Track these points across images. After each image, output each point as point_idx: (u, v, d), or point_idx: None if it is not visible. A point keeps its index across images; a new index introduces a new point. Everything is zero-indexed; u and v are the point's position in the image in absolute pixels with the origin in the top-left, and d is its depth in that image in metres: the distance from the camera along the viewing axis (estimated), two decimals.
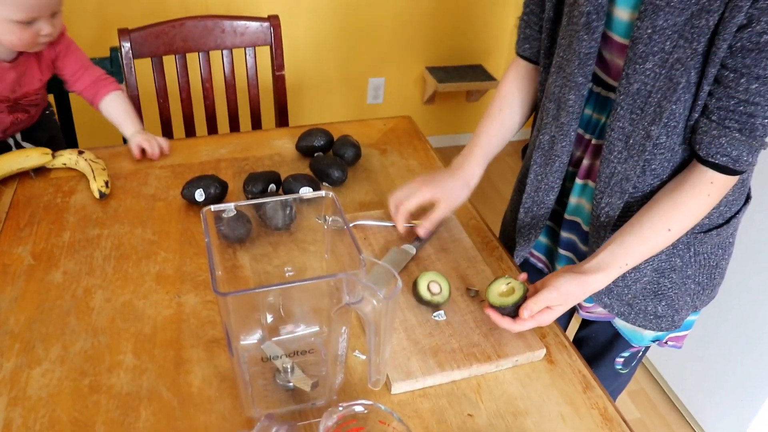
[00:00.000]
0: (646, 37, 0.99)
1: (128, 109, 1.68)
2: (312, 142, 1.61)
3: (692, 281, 1.24)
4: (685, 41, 0.97)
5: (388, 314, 0.84)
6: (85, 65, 1.64)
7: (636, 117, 1.06)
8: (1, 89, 1.53)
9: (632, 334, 1.34)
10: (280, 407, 0.99)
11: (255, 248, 1.23)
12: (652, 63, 1.01)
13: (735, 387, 2.04)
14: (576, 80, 1.11)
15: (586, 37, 1.07)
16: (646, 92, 1.04)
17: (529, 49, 1.31)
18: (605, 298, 1.25)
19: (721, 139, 1.01)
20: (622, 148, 1.10)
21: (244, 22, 1.99)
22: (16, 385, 1.03)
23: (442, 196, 1.28)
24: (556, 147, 1.20)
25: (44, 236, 1.34)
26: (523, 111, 1.36)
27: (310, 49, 3.21)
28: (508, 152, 3.83)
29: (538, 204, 1.28)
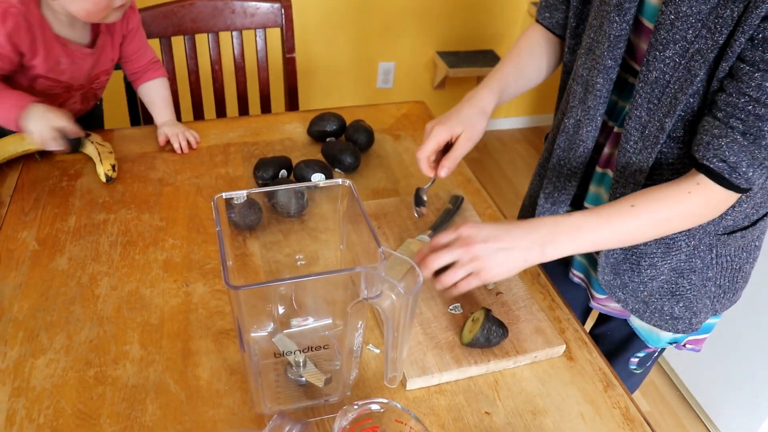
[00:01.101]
0: (669, 23, 0.95)
1: (166, 97, 1.64)
2: (324, 126, 1.57)
3: (713, 283, 1.20)
4: (707, 31, 0.93)
5: (408, 310, 0.81)
6: (144, 45, 1.59)
7: (652, 107, 1.02)
8: (80, 77, 1.47)
9: (648, 335, 1.30)
10: (292, 403, 0.95)
11: (265, 236, 1.20)
12: (672, 51, 0.97)
13: (748, 384, 2.01)
14: (605, 63, 1.07)
15: (617, 19, 1.03)
16: (664, 81, 1.00)
17: (549, 18, 1.27)
18: (619, 292, 1.21)
19: (721, 140, 0.93)
20: (637, 138, 1.06)
21: (255, 3, 1.94)
22: (20, 374, 1.00)
23: (461, 128, 1.16)
24: (582, 131, 1.15)
25: (49, 221, 1.30)
26: (540, 66, 1.30)
27: (320, 32, 3.16)
28: (517, 139, 3.81)
29: (559, 189, 1.24)
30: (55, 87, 1.45)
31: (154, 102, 1.62)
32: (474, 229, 0.99)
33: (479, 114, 1.19)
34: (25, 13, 1.30)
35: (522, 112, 3.87)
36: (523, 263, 0.98)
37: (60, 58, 1.39)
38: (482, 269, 0.97)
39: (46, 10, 1.34)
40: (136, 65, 1.59)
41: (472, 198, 1.44)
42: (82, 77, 1.48)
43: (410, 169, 1.53)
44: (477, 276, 0.97)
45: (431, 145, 1.15)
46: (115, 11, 1.35)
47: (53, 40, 1.36)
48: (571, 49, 1.21)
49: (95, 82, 1.54)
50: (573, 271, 1.36)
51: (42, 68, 1.38)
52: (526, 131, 3.88)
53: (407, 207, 1.36)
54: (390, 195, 1.43)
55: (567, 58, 1.23)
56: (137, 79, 1.62)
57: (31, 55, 1.35)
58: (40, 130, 1.32)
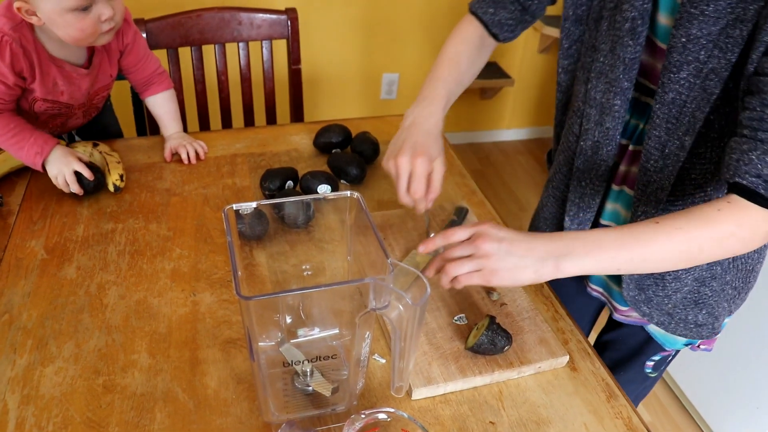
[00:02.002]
0: (681, 46, 0.96)
1: (172, 110, 1.64)
2: (330, 138, 1.58)
3: (730, 287, 1.21)
4: (719, 51, 0.94)
5: (415, 320, 0.82)
6: (145, 56, 1.58)
7: (671, 126, 1.03)
8: (79, 96, 1.48)
9: (665, 338, 1.31)
10: (299, 412, 0.96)
11: (272, 246, 1.21)
12: (686, 72, 0.98)
13: (750, 395, 2.02)
14: (622, 85, 1.08)
15: (630, 43, 1.04)
16: (680, 102, 1.01)
17: (491, 14, 1.25)
18: (644, 307, 1.22)
19: (751, 155, 0.88)
20: (658, 157, 1.06)
21: (262, 15, 1.97)
22: (29, 383, 1.01)
23: (436, 156, 1.14)
24: (602, 152, 1.16)
25: (57, 230, 1.32)
26: (473, 71, 1.30)
27: (324, 44, 3.18)
28: (520, 151, 3.83)
29: (584, 209, 1.24)
30: (55, 108, 1.46)
31: (161, 116, 1.63)
32: (492, 228, 0.96)
33: (440, 135, 1.18)
34: (20, 39, 1.30)
35: (524, 123, 3.89)
36: (533, 275, 0.93)
37: (57, 80, 1.40)
38: (489, 269, 0.93)
39: (40, 33, 1.34)
40: (140, 76, 1.60)
41: (477, 209, 1.45)
42: (81, 96, 1.49)
43: None
44: (481, 274, 0.94)
45: (423, 182, 1.12)
46: (104, 35, 1.35)
47: (49, 62, 1.37)
48: (565, 69, 1.22)
49: (96, 98, 1.55)
50: (591, 286, 1.36)
51: (40, 92, 1.39)
52: (528, 143, 3.90)
53: (412, 218, 1.37)
54: (395, 207, 1.44)
55: (562, 78, 1.24)
56: (143, 91, 1.63)
57: (30, 80, 1.36)
58: (56, 175, 1.37)
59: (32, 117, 1.47)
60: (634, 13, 1.02)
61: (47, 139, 1.39)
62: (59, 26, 1.28)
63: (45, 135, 1.39)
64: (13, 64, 1.31)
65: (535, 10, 1.26)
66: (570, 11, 1.15)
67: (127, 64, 1.56)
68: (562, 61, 1.21)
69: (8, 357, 1.04)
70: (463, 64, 1.26)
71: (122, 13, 1.37)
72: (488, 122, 3.85)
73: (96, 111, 1.62)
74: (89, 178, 1.37)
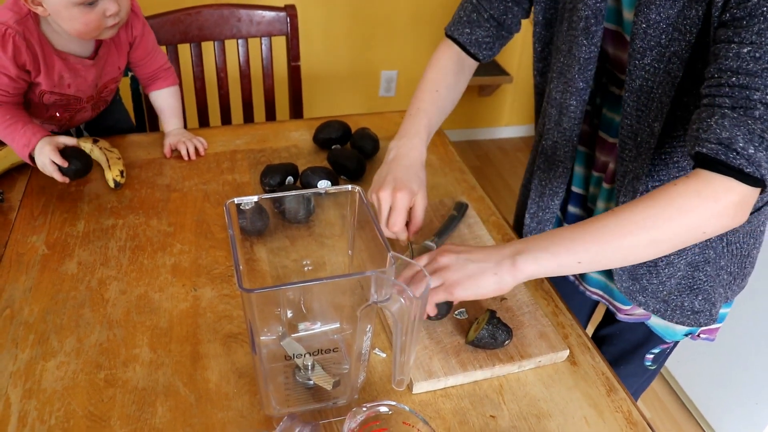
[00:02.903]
0: (642, 32, 0.98)
1: (173, 106, 1.65)
2: (330, 134, 1.59)
3: (725, 272, 1.22)
4: (679, 33, 0.95)
5: (417, 313, 0.82)
6: (153, 51, 1.58)
7: (641, 114, 1.04)
8: (86, 89, 1.48)
9: (665, 330, 1.31)
10: (300, 405, 0.97)
11: (272, 241, 1.21)
12: (650, 58, 0.99)
13: (749, 390, 2.02)
14: (577, 85, 1.10)
15: (585, 42, 1.06)
16: (647, 88, 1.01)
17: (469, 34, 1.26)
18: (639, 296, 1.22)
19: (710, 120, 0.84)
20: (632, 146, 1.07)
21: (261, 12, 1.97)
22: (31, 377, 1.01)
23: (417, 189, 1.13)
24: (559, 152, 1.18)
25: (58, 225, 1.32)
26: (455, 96, 1.30)
27: (323, 41, 3.18)
28: (519, 147, 3.83)
29: (543, 209, 1.27)
30: (63, 100, 1.46)
31: (163, 111, 1.64)
32: (451, 245, 0.99)
33: (422, 168, 1.18)
34: (23, 32, 1.30)
35: (522, 121, 3.89)
36: (493, 278, 0.92)
37: (62, 73, 1.40)
38: (450, 281, 0.93)
39: (45, 26, 1.34)
40: (147, 70, 1.60)
41: (476, 205, 1.45)
42: (89, 89, 1.49)
43: None
44: (444, 288, 0.93)
45: (403, 215, 1.11)
46: (108, 29, 1.35)
47: (53, 55, 1.37)
48: (540, 72, 1.24)
49: (104, 91, 1.55)
50: (590, 289, 1.37)
51: (46, 85, 1.40)
52: (527, 139, 3.90)
53: None
54: None
55: (537, 80, 1.26)
56: (148, 85, 1.63)
57: (35, 73, 1.37)
58: (42, 166, 1.37)
59: (42, 109, 1.47)
60: (588, 12, 1.03)
61: (36, 131, 1.37)
62: (64, 19, 1.29)
63: (35, 127, 1.38)
64: (16, 57, 1.31)
65: (510, 25, 1.26)
66: (540, 16, 1.16)
67: (136, 58, 1.56)
68: (537, 64, 1.23)
69: (10, 351, 1.05)
70: (443, 91, 1.27)
71: (127, 9, 1.37)
72: (487, 119, 3.85)
73: (105, 104, 1.62)
74: (61, 164, 1.35)
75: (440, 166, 1.60)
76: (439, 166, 1.60)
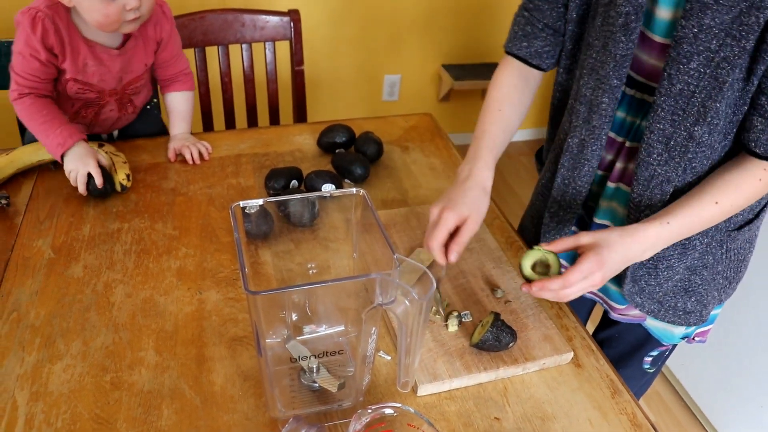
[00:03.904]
0: (692, 36, 0.96)
1: (184, 111, 1.65)
2: (334, 138, 1.59)
3: (721, 276, 1.23)
4: (732, 39, 0.94)
5: (421, 315, 0.83)
6: (177, 54, 1.60)
7: (677, 118, 1.03)
8: (110, 80, 1.50)
9: (662, 333, 1.31)
10: (306, 408, 0.97)
11: (277, 245, 1.22)
12: (696, 63, 0.98)
13: (754, 392, 2.02)
14: (611, 83, 1.09)
15: (623, 39, 1.04)
16: (689, 92, 1.01)
17: (527, 47, 1.24)
18: (637, 297, 1.23)
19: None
20: (662, 150, 1.07)
21: (265, 17, 1.97)
22: (38, 380, 1.02)
23: (469, 212, 1.12)
24: (587, 150, 1.17)
25: (64, 229, 1.32)
26: (521, 111, 1.29)
27: (326, 45, 3.19)
28: (523, 151, 3.83)
29: (564, 208, 1.26)
30: (87, 91, 1.48)
31: (173, 113, 1.64)
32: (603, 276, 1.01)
33: (483, 195, 1.17)
34: (53, 16, 1.35)
35: (526, 125, 3.89)
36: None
37: (87, 60, 1.42)
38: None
39: (75, 14, 1.38)
40: (167, 73, 1.61)
41: None
42: (113, 80, 1.50)
43: (419, 180, 1.55)
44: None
45: (443, 233, 1.10)
46: (128, 23, 1.37)
47: (80, 41, 1.40)
48: (566, 69, 1.23)
49: (129, 88, 1.56)
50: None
51: (71, 71, 1.42)
52: (531, 143, 3.90)
53: (416, 217, 1.38)
54: (399, 205, 1.45)
55: (563, 77, 1.24)
56: (165, 87, 1.64)
57: (62, 58, 1.40)
58: (71, 171, 1.39)
59: (68, 104, 1.50)
60: (628, 8, 1.02)
61: (73, 132, 1.40)
62: (85, 9, 1.32)
63: (72, 129, 1.41)
64: (44, 39, 1.35)
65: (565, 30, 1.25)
66: (573, 13, 1.15)
67: (161, 59, 1.58)
68: (564, 61, 1.22)
69: (17, 354, 1.05)
70: (506, 110, 1.26)
71: (149, 6, 1.39)
72: None
73: (131, 106, 1.62)
74: (98, 186, 1.38)
75: (444, 170, 1.61)
76: (443, 170, 1.61)
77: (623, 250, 1.01)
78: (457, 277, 1.24)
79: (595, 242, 1.01)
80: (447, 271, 1.24)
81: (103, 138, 1.64)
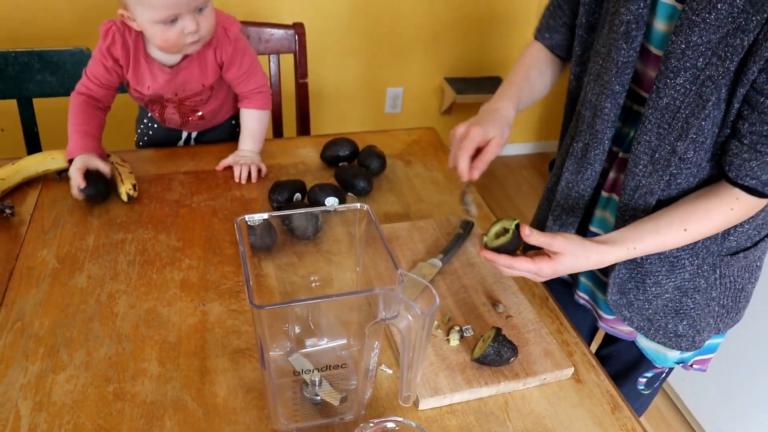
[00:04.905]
0: (680, 52, 0.98)
1: (252, 129, 1.65)
2: (337, 151, 1.60)
3: (716, 303, 1.23)
4: (718, 59, 0.96)
5: (424, 330, 0.83)
6: (247, 72, 1.61)
7: (663, 132, 1.05)
8: (162, 91, 1.56)
9: (655, 354, 1.32)
10: (308, 421, 0.97)
11: (280, 258, 1.22)
12: (683, 78, 1.00)
13: (755, 409, 2.02)
14: (613, 88, 1.11)
15: (624, 46, 1.06)
16: (674, 107, 1.03)
17: (549, 39, 1.33)
18: (625, 311, 1.23)
19: (752, 163, 1.00)
20: (647, 162, 1.09)
21: (270, 30, 1.99)
22: (41, 389, 1.02)
23: (495, 133, 1.17)
24: (590, 155, 1.18)
25: (68, 240, 1.33)
26: (544, 82, 1.35)
27: (329, 58, 3.21)
28: (524, 165, 3.85)
29: (567, 212, 1.27)
30: (143, 98, 1.60)
31: (242, 130, 1.66)
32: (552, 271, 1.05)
33: (506, 125, 1.22)
34: (123, 30, 1.47)
35: (527, 138, 3.91)
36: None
37: (144, 74, 1.54)
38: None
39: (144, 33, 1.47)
40: (239, 90, 1.64)
41: (482, 223, 1.46)
42: (166, 92, 1.57)
43: (421, 194, 1.56)
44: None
45: (472, 146, 1.15)
46: (189, 45, 1.44)
47: (141, 56, 1.51)
48: (576, 76, 1.25)
49: (187, 101, 1.61)
50: (578, 293, 1.38)
51: (132, 81, 1.55)
52: (532, 157, 3.92)
53: (418, 231, 1.39)
54: (401, 219, 1.46)
55: (573, 84, 1.26)
56: (239, 102, 1.67)
57: (126, 69, 1.53)
58: (71, 176, 1.43)
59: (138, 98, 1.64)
60: (629, 17, 1.04)
61: (84, 146, 1.47)
62: (148, 34, 1.44)
63: (86, 142, 1.48)
64: (111, 48, 1.49)
65: None
66: (583, 18, 1.18)
67: (227, 78, 1.62)
68: (575, 68, 1.24)
69: (21, 364, 1.06)
70: (534, 72, 1.33)
71: (209, 28, 1.45)
72: None
73: (196, 117, 1.68)
74: (78, 185, 1.40)
75: (446, 183, 1.61)
76: (445, 183, 1.61)
77: (582, 261, 1.05)
78: (458, 292, 1.24)
79: (562, 251, 1.03)
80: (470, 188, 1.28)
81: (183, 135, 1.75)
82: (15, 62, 1.79)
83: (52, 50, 1.81)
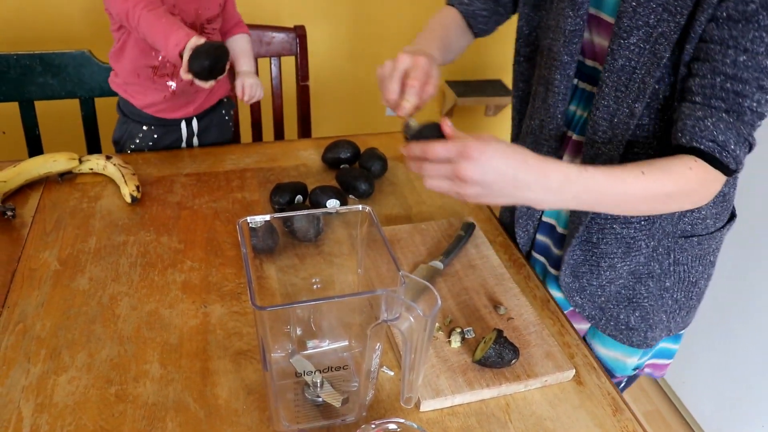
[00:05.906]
0: (631, 11, 0.99)
1: (246, 49, 1.77)
2: (338, 153, 1.61)
3: (669, 296, 1.22)
4: (669, 14, 0.96)
5: (426, 331, 0.83)
6: (234, 8, 1.75)
7: (620, 94, 1.05)
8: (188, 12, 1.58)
9: (615, 363, 1.32)
10: (309, 422, 0.97)
11: (282, 260, 1.23)
12: (636, 38, 1.00)
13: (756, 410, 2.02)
14: (562, 59, 1.11)
15: (571, 14, 1.07)
16: (630, 68, 1.03)
17: (467, 6, 1.30)
18: (577, 296, 1.23)
19: (707, 121, 0.94)
20: (606, 128, 1.08)
21: (271, 32, 1.99)
22: (43, 391, 1.02)
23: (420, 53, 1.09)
24: (545, 131, 1.18)
25: (70, 241, 1.33)
26: (458, 48, 1.31)
27: (329, 60, 3.21)
28: None
29: None
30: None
31: (236, 53, 1.74)
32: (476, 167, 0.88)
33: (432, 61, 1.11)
34: None
35: None
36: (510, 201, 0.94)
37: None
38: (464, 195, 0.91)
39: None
40: (232, 19, 1.74)
41: (484, 225, 1.47)
42: (190, 15, 1.59)
43: (422, 197, 1.56)
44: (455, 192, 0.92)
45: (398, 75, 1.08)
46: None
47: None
48: (526, 57, 1.25)
49: (205, 28, 1.65)
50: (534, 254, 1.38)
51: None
52: None
53: (420, 233, 1.39)
54: (403, 222, 1.46)
55: (524, 66, 1.26)
56: (226, 34, 1.74)
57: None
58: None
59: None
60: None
61: (189, 32, 1.45)
62: None
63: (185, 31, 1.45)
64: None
65: (506, 3, 1.30)
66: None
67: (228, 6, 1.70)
68: (522, 49, 1.24)
69: (22, 366, 1.06)
70: (451, 35, 1.29)
71: None
72: None
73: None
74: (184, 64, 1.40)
75: None
76: None
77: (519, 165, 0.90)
78: (459, 293, 1.24)
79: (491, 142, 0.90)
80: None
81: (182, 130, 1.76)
82: (17, 65, 1.79)
83: (53, 53, 1.82)
